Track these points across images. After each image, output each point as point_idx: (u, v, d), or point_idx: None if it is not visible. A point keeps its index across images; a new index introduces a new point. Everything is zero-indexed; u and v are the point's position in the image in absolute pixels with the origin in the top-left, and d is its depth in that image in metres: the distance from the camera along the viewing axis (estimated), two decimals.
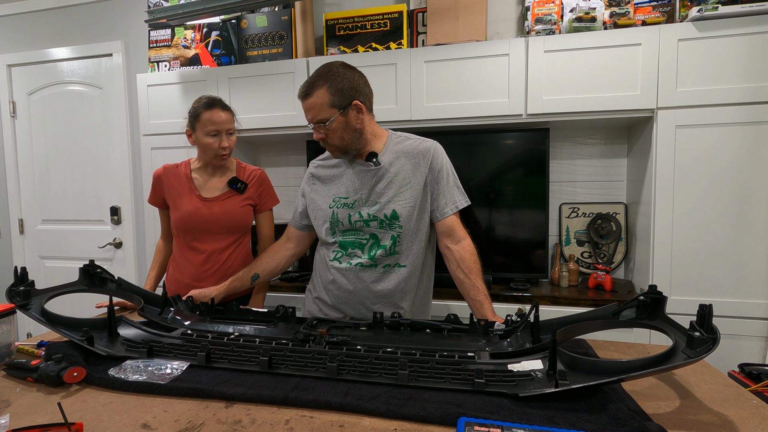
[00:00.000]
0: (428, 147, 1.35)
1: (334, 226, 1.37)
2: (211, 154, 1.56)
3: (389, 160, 1.34)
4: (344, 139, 1.30)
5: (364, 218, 1.33)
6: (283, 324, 1.16)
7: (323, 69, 1.28)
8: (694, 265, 1.78)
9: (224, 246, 1.61)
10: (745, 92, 1.71)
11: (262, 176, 1.70)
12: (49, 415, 0.78)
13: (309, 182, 1.46)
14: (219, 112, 1.53)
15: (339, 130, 1.28)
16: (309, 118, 1.29)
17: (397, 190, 1.32)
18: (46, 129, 2.95)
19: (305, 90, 1.27)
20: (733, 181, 1.74)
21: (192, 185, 1.61)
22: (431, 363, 0.87)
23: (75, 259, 2.95)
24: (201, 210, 1.57)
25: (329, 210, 1.37)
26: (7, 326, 1.04)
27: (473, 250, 1.33)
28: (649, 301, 0.90)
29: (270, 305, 2.15)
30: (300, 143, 2.50)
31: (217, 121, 1.52)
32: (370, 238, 1.34)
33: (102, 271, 1.32)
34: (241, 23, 2.34)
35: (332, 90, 1.25)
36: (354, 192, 1.35)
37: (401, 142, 1.38)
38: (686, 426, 0.72)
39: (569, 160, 2.23)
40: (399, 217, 1.31)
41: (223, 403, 0.81)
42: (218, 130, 1.53)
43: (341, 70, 1.27)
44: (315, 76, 1.27)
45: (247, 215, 1.65)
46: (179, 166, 1.65)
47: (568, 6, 1.98)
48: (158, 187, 1.64)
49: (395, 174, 1.33)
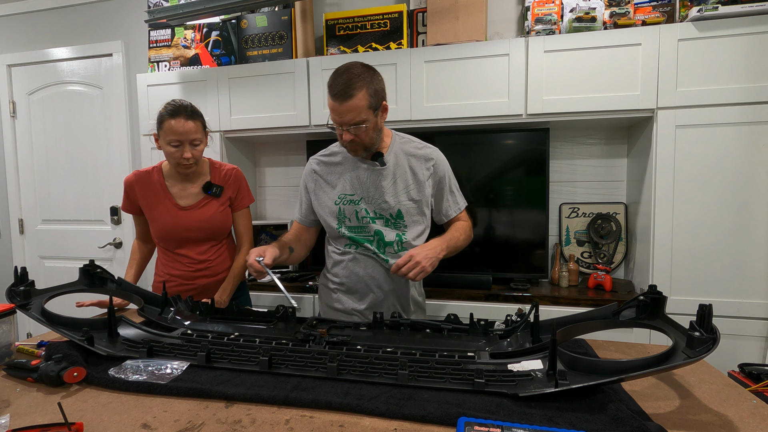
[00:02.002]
0: (431, 154, 1.39)
1: (340, 221, 1.39)
2: (173, 164, 1.48)
3: (393, 160, 1.37)
4: (372, 140, 1.30)
5: (371, 215, 1.36)
6: (283, 324, 1.16)
7: (356, 69, 1.22)
8: (694, 265, 1.78)
9: (207, 248, 1.58)
10: (745, 92, 1.71)
11: (237, 175, 1.63)
12: (49, 415, 0.78)
13: (311, 178, 1.45)
14: (183, 122, 1.41)
15: (370, 131, 1.27)
16: (347, 119, 1.22)
17: (400, 189, 1.36)
18: (46, 129, 2.95)
19: (345, 91, 1.20)
20: (733, 181, 1.73)
21: (167, 193, 1.54)
22: (431, 363, 0.87)
23: (75, 259, 2.95)
24: (180, 220, 1.52)
25: (335, 206, 1.39)
26: (7, 326, 1.04)
27: (467, 226, 1.43)
28: (649, 301, 0.90)
29: (270, 305, 2.16)
30: (300, 143, 2.50)
31: (179, 131, 1.41)
32: (374, 234, 1.36)
33: (102, 271, 1.32)
34: (241, 23, 2.34)
35: (371, 91, 1.23)
36: (360, 189, 1.37)
37: (405, 143, 1.41)
38: (686, 426, 0.72)
39: (569, 160, 2.23)
40: (403, 216, 1.35)
41: (223, 403, 0.81)
42: (180, 140, 1.42)
43: (371, 71, 1.25)
44: (349, 77, 1.20)
45: (227, 219, 1.60)
46: (151, 173, 1.56)
47: (568, 6, 1.98)
48: (132, 195, 1.56)
49: (399, 174, 1.36)
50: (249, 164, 2.60)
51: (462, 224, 1.42)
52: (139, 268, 1.65)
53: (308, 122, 2.18)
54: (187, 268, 1.57)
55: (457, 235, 1.37)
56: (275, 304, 1.56)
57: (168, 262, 1.59)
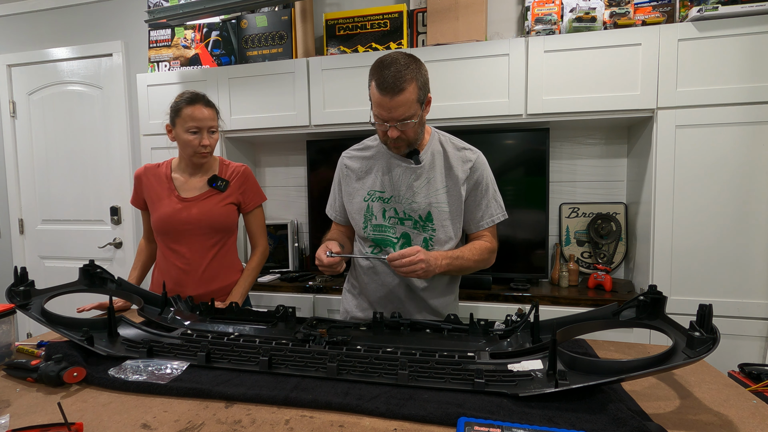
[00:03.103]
0: (470, 156, 1.30)
1: (367, 220, 1.32)
2: (190, 152, 1.49)
3: (430, 159, 1.29)
4: (417, 135, 1.23)
5: (399, 216, 1.29)
6: (283, 324, 1.16)
7: (403, 60, 1.13)
8: (694, 265, 1.78)
9: (206, 248, 1.53)
10: (745, 92, 1.71)
11: (245, 172, 1.61)
12: (49, 415, 0.78)
13: (343, 173, 1.39)
14: (201, 109, 1.46)
15: (417, 126, 1.19)
16: (396, 115, 1.14)
17: (434, 191, 1.27)
18: (46, 129, 2.95)
19: (396, 84, 1.10)
20: (733, 180, 1.73)
21: (171, 185, 1.54)
22: (431, 363, 0.87)
23: (75, 259, 2.95)
24: (179, 211, 1.50)
25: (364, 203, 1.32)
26: (7, 326, 1.04)
27: (487, 248, 1.29)
28: (649, 301, 0.90)
29: (270, 305, 2.16)
30: (300, 143, 2.50)
31: (198, 117, 1.45)
32: (401, 237, 1.29)
33: (102, 271, 1.32)
34: (241, 23, 2.34)
35: (420, 83, 1.14)
36: (390, 187, 1.30)
37: (445, 142, 1.33)
38: (686, 426, 0.72)
39: (569, 160, 2.23)
40: (433, 219, 1.27)
41: (223, 403, 0.81)
42: (199, 127, 1.46)
43: (417, 61, 1.17)
44: (398, 68, 1.11)
45: (229, 215, 1.56)
46: (160, 166, 1.58)
47: (568, 6, 1.98)
48: (139, 188, 1.58)
49: (434, 174, 1.28)
50: (249, 164, 2.59)
51: (481, 245, 1.28)
52: (143, 269, 1.65)
53: (308, 122, 2.18)
54: (179, 270, 1.52)
55: (469, 255, 1.25)
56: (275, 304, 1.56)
57: (163, 266, 1.57)
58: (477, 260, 1.27)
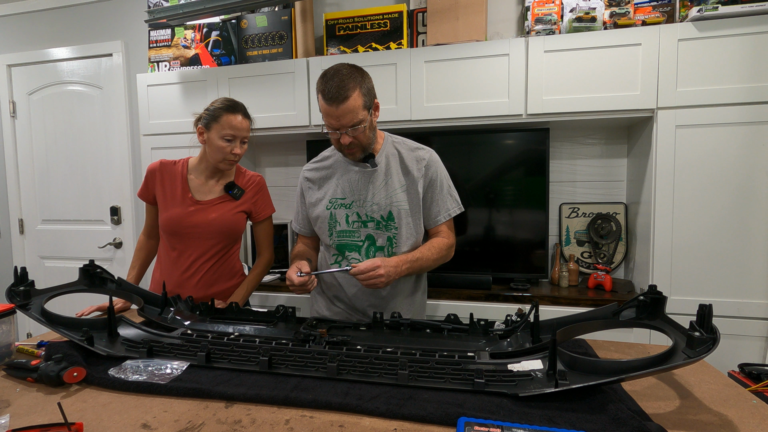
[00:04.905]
0: (423, 155, 1.36)
1: (331, 227, 1.37)
2: (219, 157, 1.50)
3: (385, 161, 1.35)
4: (369, 139, 1.29)
5: (362, 219, 1.34)
6: (283, 324, 1.16)
7: (345, 70, 1.20)
8: (694, 265, 1.78)
9: (210, 253, 1.55)
10: (745, 92, 1.71)
11: (260, 183, 1.64)
12: (49, 415, 0.78)
13: (305, 186, 1.45)
14: (240, 118, 1.48)
15: (366, 131, 1.25)
16: (345, 122, 1.20)
17: (393, 191, 1.33)
18: (46, 129, 2.95)
19: (339, 93, 1.17)
20: (733, 181, 1.73)
21: (186, 186, 1.55)
22: (431, 363, 0.87)
23: (75, 259, 2.95)
24: (191, 214, 1.51)
25: (327, 211, 1.37)
26: (7, 326, 1.04)
27: (445, 245, 1.36)
28: (649, 301, 0.90)
29: (270, 305, 2.15)
30: (300, 143, 2.50)
31: (237, 126, 1.47)
32: (365, 239, 1.34)
33: (102, 271, 1.32)
34: (241, 23, 2.34)
35: (364, 90, 1.21)
36: (351, 193, 1.35)
37: (398, 144, 1.39)
38: (686, 426, 0.72)
39: (569, 160, 2.23)
40: (394, 218, 1.32)
41: (223, 403, 0.81)
42: (235, 135, 1.48)
43: (359, 70, 1.24)
44: (341, 78, 1.18)
45: (239, 222, 1.58)
46: (177, 164, 1.59)
47: (568, 6, 1.98)
48: (151, 182, 1.57)
49: (391, 175, 1.34)
50: (249, 164, 2.60)
51: (439, 242, 1.35)
52: (141, 267, 1.65)
53: (308, 122, 2.18)
54: (180, 272, 1.53)
55: (428, 255, 1.31)
56: (275, 304, 1.56)
57: (166, 265, 1.57)
58: (436, 258, 1.34)
